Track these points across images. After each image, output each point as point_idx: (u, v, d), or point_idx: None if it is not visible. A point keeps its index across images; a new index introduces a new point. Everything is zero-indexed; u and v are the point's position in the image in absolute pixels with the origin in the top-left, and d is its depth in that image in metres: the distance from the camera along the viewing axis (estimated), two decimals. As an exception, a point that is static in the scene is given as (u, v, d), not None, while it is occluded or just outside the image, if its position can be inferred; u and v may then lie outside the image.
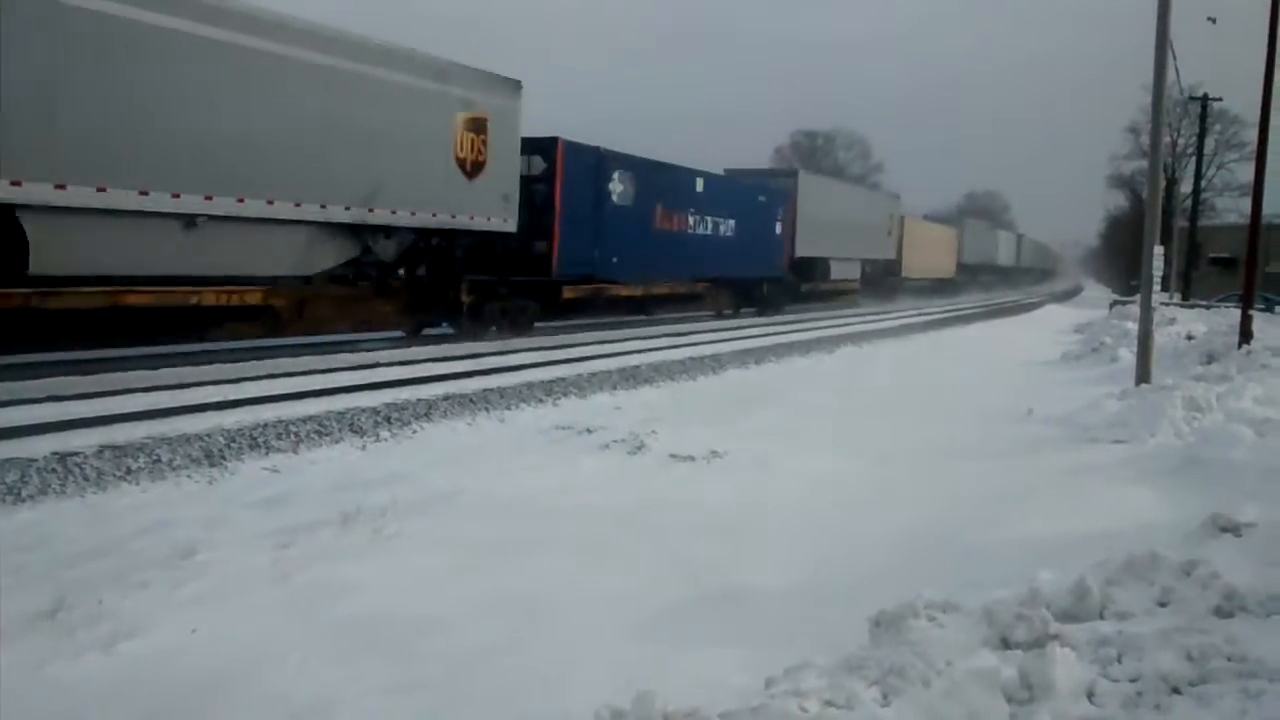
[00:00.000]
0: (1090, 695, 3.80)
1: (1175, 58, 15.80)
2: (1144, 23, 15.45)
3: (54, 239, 12.39)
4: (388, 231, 18.13)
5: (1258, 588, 4.49)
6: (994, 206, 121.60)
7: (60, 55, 12.11)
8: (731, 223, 31.33)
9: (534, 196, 21.95)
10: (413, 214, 18.04)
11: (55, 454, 8.95)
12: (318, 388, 13.25)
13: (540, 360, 17.97)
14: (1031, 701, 3.74)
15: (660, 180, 27.11)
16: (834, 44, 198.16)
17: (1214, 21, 23.32)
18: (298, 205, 15.68)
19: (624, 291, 26.11)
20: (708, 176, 30.39)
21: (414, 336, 20.26)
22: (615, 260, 24.70)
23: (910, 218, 54.95)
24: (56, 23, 12.02)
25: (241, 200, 14.69)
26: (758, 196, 34.16)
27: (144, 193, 13.26)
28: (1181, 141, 58.41)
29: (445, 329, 21.04)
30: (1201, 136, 50.26)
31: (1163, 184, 22.91)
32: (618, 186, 24.83)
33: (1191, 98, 46.91)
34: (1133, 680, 3.87)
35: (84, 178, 12.50)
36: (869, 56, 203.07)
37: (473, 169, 19.49)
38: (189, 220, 14.06)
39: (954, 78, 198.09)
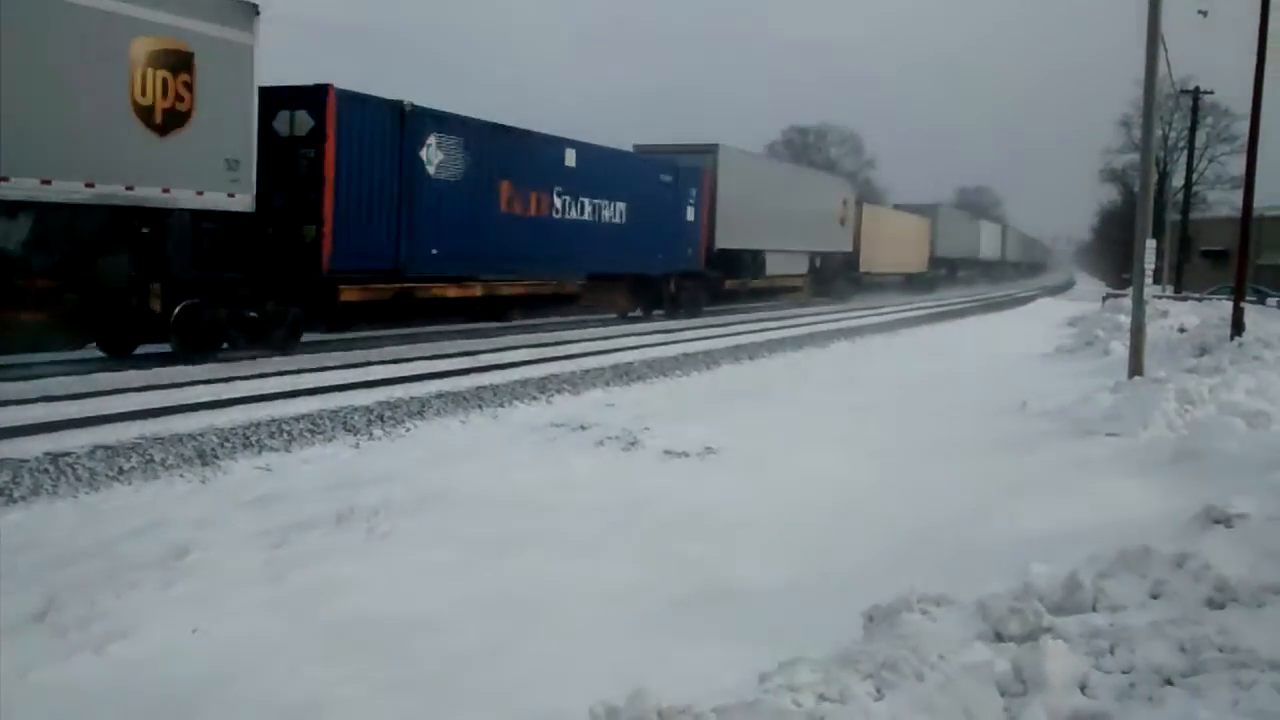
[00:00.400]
0: (1083, 687, 3.81)
1: (1166, 51, 15.81)
2: (1135, 16, 15.50)
3: None
4: (10, 209, 12.52)
5: (1249, 579, 4.50)
6: (985, 201, 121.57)
7: None
8: (621, 206, 25.56)
9: (299, 165, 16.39)
10: (44, 183, 12.31)
11: (47, 454, 8.92)
12: (311, 386, 13.22)
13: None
14: (1025, 694, 3.74)
15: (506, 149, 20.99)
16: (826, 42, 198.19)
17: (1205, 15, 23.31)
18: None
19: (450, 292, 19.81)
20: (582, 148, 23.93)
21: (121, 355, 15.12)
22: (434, 252, 18.88)
23: (872, 205, 49.52)
24: None
25: None
26: (659, 176, 27.88)
27: None
28: (1173, 135, 58.70)
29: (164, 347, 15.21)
30: (1193, 130, 50.40)
31: (1154, 177, 22.94)
32: (436, 155, 18.83)
33: (1183, 91, 46.95)
34: (1125, 672, 3.88)
35: None
36: (861, 53, 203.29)
37: (166, 121, 13.79)
38: None
39: (946, 74, 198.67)
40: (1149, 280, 15.48)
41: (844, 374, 17.95)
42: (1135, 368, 14.87)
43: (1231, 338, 18.61)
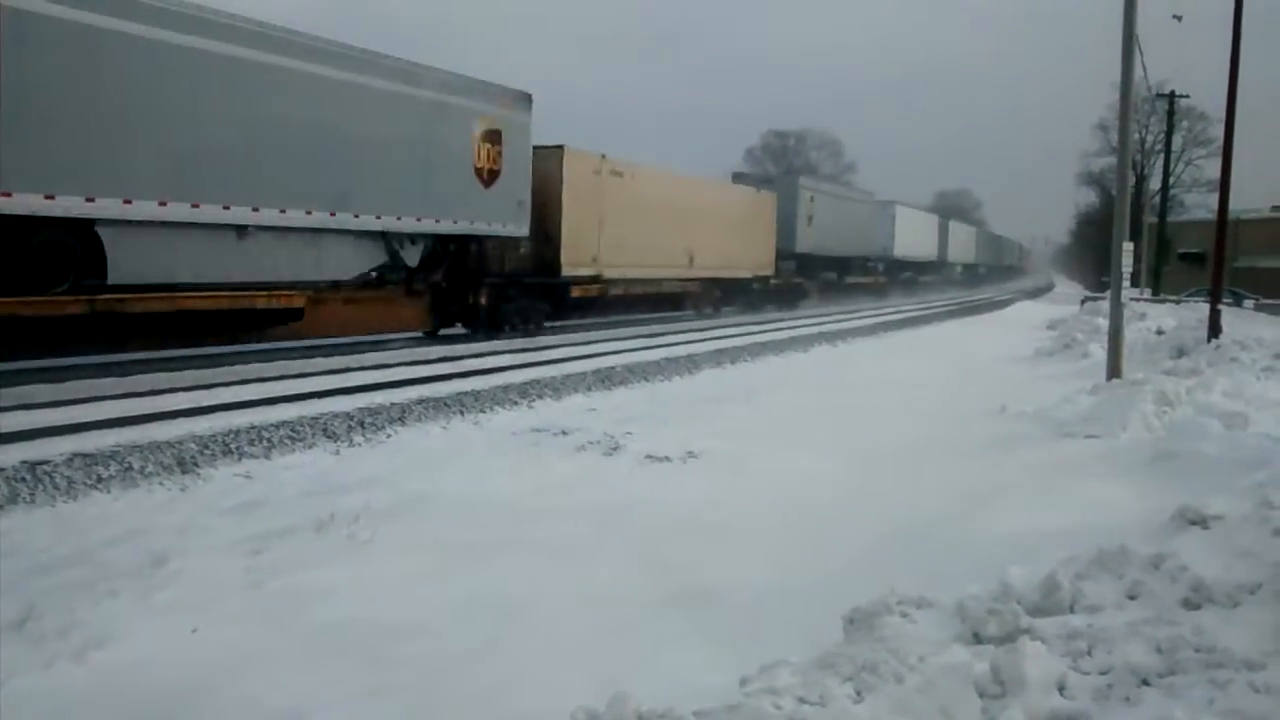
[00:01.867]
0: (1061, 688, 3.83)
1: (1143, 55, 15.93)
2: (1112, 21, 15.59)
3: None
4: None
5: (1225, 579, 4.53)
6: (966, 204, 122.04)
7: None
8: None
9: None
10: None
11: (25, 462, 8.86)
12: (291, 393, 13.18)
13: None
14: (1003, 695, 3.77)
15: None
16: (806, 48, 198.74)
17: (1180, 19, 23.51)
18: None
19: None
20: None
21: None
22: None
23: (605, 158, 25.94)
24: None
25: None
26: None
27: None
28: (1150, 138, 59.22)
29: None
30: (1169, 133, 50.77)
31: (1132, 180, 23.10)
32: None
33: (1159, 95, 47.39)
34: (1103, 673, 3.91)
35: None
36: (841, 59, 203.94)
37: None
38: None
39: (925, 79, 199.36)
40: (1127, 283, 15.59)
41: (826, 377, 18.02)
42: (1114, 370, 14.96)
43: (1209, 340, 18.77)
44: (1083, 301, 42.92)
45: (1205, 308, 21.55)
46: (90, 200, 12.94)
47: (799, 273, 41.98)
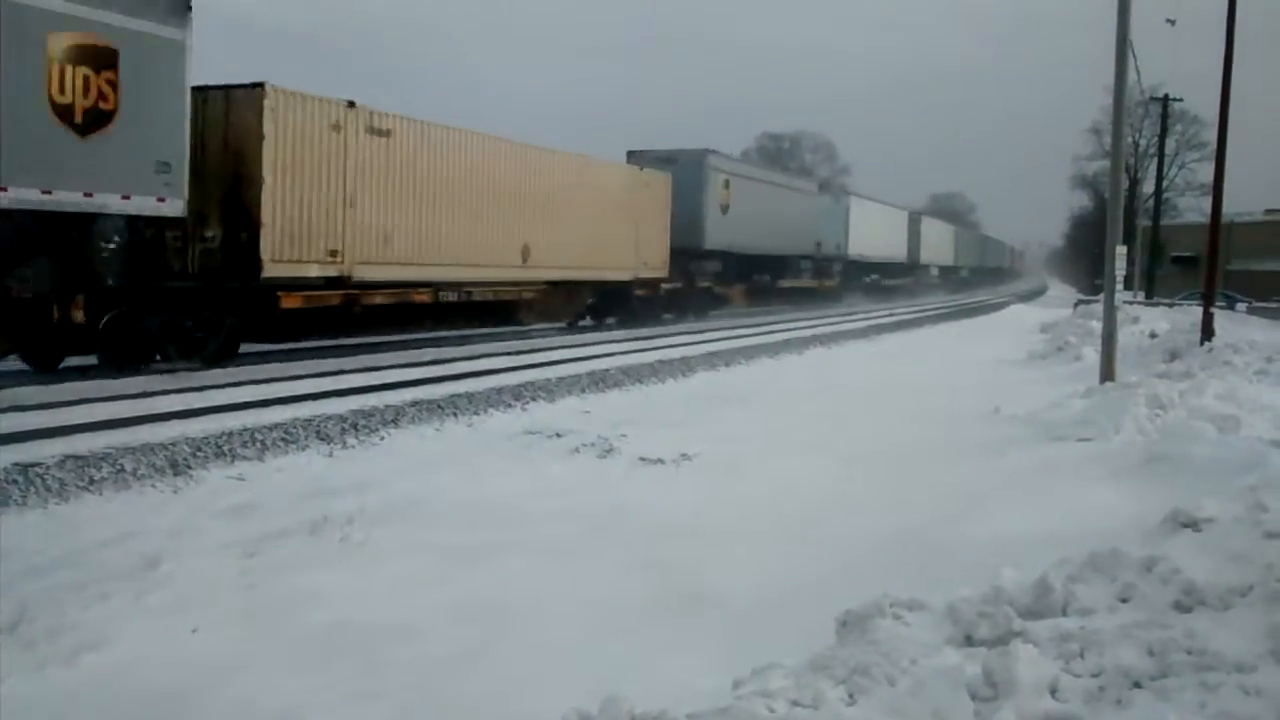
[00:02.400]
0: (1053, 691, 3.83)
1: (1136, 59, 15.99)
2: (1105, 25, 15.65)
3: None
4: None
5: (1216, 582, 4.54)
6: (959, 207, 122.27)
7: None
8: None
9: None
10: None
11: (16, 465, 8.81)
12: (284, 395, 13.15)
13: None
14: (995, 698, 3.77)
15: None
16: (801, 51, 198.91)
17: (1173, 23, 23.59)
18: None
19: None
20: None
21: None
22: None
23: (384, 113, 18.42)
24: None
25: None
26: None
27: None
28: (1143, 142, 59.24)
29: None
30: (1163, 137, 50.92)
31: (1125, 184, 23.14)
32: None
33: (1152, 98, 47.39)
34: (1095, 675, 3.91)
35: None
36: (836, 63, 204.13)
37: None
38: None
39: (919, 83, 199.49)
40: (1120, 286, 15.63)
41: (818, 380, 18.03)
42: (1107, 373, 15.00)
43: (1201, 343, 18.82)
44: (1076, 305, 43.00)
45: (1198, 311, 21.63)
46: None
47: (714, 275, 33.92)
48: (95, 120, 12.97)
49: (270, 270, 15.75)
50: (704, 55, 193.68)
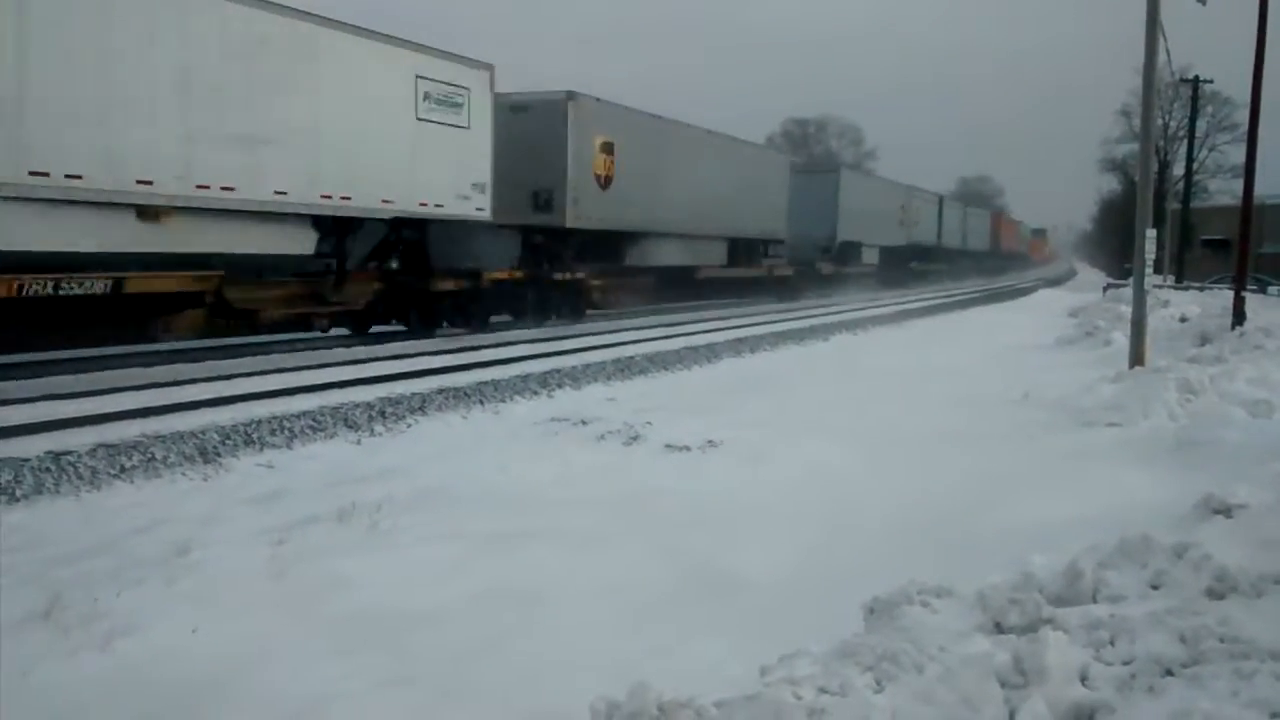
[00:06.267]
0: (1084, 678, 3.80)
1: (1166, 40, 15.78)
2: (1135, 6, 15.45)
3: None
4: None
5: (1249, 569, 4.50)
6: (988, 190, 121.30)
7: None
8: None
9: None
10: None
11: (50, 453, 8.92)
12: (311, 383, 13.22)
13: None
14: (1025, 686, 3.74)
15: None
16: (827, 35, 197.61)
17: (1204, 3, 23.22)
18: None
19: None
20: None
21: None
22: None
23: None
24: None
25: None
26: None
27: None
28: (1173, 124, 58.47)
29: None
30: (1193, 119, 50.22)
31: (1154, 167, 22.91)
32: None
33: (1182, 80, 46.78)
34: (1126, 663, 3.88)
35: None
36: (862, 47, 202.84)
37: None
38: None
39: (947, 66, 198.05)
40: (1150, 270, 15.48)
41: (845, 365, 17.96)
42: (1136, 358, 14.86)
43: (1233, 327, 18.61)
44: (1105, 289, 42.61)
45: (1229, 295, 21.39)
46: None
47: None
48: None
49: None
50: (726, 40, 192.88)
